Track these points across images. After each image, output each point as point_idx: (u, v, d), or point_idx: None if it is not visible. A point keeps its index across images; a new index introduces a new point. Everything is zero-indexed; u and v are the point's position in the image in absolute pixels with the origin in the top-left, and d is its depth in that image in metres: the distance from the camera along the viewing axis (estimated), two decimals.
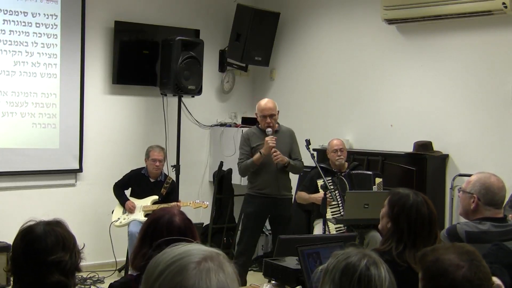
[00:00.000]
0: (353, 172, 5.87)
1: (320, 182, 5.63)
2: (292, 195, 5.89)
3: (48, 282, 2.21)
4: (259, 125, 5.75)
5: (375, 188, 5.74)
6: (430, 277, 2.04)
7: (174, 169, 6.66)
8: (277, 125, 5.76)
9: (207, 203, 6.42)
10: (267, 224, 6.09)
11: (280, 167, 5.64)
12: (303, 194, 5.88)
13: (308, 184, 5.91)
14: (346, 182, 5.74)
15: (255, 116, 5.85)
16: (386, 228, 2.95)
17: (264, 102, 5.72)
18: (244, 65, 7.55)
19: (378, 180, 5.81)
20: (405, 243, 2.83)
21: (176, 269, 1.36)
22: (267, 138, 5.52)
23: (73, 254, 2.28)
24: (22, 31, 6.25)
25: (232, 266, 1.41)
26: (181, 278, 1.35)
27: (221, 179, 7.19)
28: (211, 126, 7.64)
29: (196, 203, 6.27)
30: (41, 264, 2.22)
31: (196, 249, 1.41)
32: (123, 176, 6.38)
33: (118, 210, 6.29)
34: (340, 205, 5.64)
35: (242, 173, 5.80)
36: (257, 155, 5.57)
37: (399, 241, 2.84)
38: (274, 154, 5.49)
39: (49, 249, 2.23)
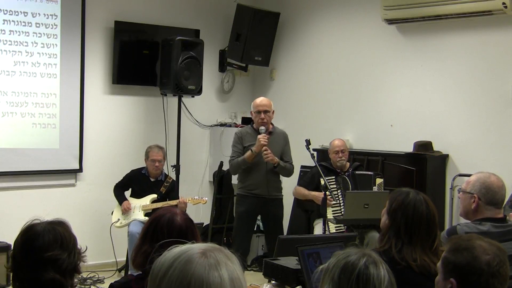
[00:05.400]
0: (357, 172, 5.87)
1: (322, 182, 5.62)
2: (283, 195, 5.90)
3: (43, 280, 2.21)
4: (254, 125, 5.77)
5: (375, 188, 5.74)
6: (454, 249, 2.14)
7: (174, 169, 6.66)
8: (271, 126, 5.77)
9: (206, 198, 6.43)
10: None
11: (271, 168, 5.64)
12: (302, 190, 5.88)
13: (308, 181, 5.92)
14: (350, 182, 5.75)
15: (251, 116, 5.87)
16: (384, 225, 2.96)
17: (260, 99, 5.77)
18: (244, 65, 7.55)
19: (379, 180, 5.81)
20: (402, 240, 2.83)
21: (183, 260, 1.38)
22: (259, 136, 5.54)
23: (72, 254, 2.28)
24: (22, 31, 6.25)
25: (237, 258, 1.43)
26: (190, 267, 1.36)
27: (221, 179, 7.19)
28: (211, 126, 7.64)
29: (194, 199, 6.26)
30: (37, 260, 2.22)
31: (196, 245, 1.43)
32: (124, 177, 6.38)
33: (118, 211, 6.28)
34: (341, 204, 5.64)
35: (233, 171, 5.83)
36: (248, 153, 5.59)
37: (397, 238, 2.85)
38: (265, 152, 5.51)
39: (46, 246, 2.23)
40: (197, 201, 6.26)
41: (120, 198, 6.28)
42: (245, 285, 1.41)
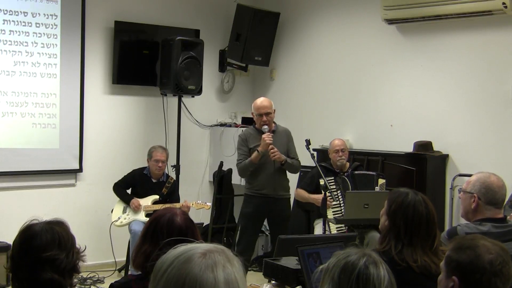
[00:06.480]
0: (357, 172, 5.86)
1: (321, 182, 5.62)
2: (290, 195, 5.89)
3: (41, 279, 2.21)
4: (256, 125, 5.75)
5: (377, 188, 5.73)
6: (457, 248, 2.15)
7: (174, 169, 6.66)
8: (274, 124, 5.76)
9: (210, 204, 6.41)
10: (266, 223, 6.09)
11: (278, 167, 5.64)
12: (303, 193, 5.88)
13: (308, 182, 5.91)
14: (349, 182, 5.74)
15: (252, 116, 5.86)
16: (384, 226, 2.95)
17: (260, 100, 5.73)
18: (244, 65, 7.55)
19: (381, 181, 5.79)
20: (402, 242, 2.83)
21: (183, 259, 1.39)
22: (264, 136, 5.52)
23: (70, 254, 2.27)
24: (22, 31, 6.25)
25: (239, 261, 1.43)
26: (187, 266, 1.38)
27: (221, 179, 7.18)
28: (211, 126, 7.64)
29: (198, 204, 6.25)
30: (35, 260, 2.22)
31: (201, 245, 1.45)
32: (125, 176, 6.36)
33: (118, 209, 6.28)
34: (341, 205, 5.64)
35: (242, 173, 5.79)
36: (255, 154, 5.57)
37: (397, 240, 2.84)
38: (272, 151, 5.49)
39: (44, 245, 2.23)
40: (200, 206, 6.24)
41: (126, 197, 6.25)
42: None
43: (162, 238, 2.44)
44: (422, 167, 6.03)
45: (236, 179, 6.94)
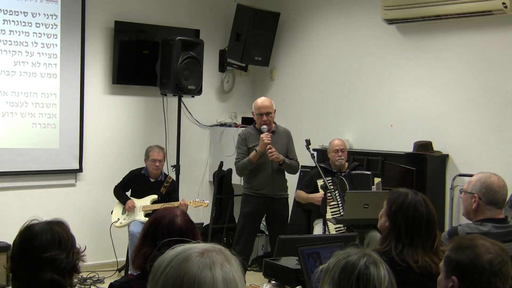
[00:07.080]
0: (353, 172, 5.87)
1: (320, 182, 5.63)
2: (288, 195, 5.89)
3: (41, 280, 2.21)
4: (256, 125, 5.75)
5: (374, 188, 5.74)
6: (457, 248, 2.15)
7: (174, 169, 6.66)
8: (274, 125, 5.77)
9: (207, 201, 6.41)
10: (265, 223, 6.10)
11: (277, 167, 5.64)
12: (302, 193, 5.89)
13: (307, 183, 5.92)
14: (346, 182, 5.74)
15: (252, 116, 5.86)
16: (384, 227, 2.95)
17: (261, 100, 5.73)
18: (244, 65, 7.55)
19: (377, 180, 5.80)
20: (403, 242, 2.83)
21: (181, 259, 1.40)
22: (262, 135, 5.53)
23: (70, 254, 2.27)
24: (22, 31, 6.25)
25: (238, 261, 1.43)
26: (185, 265, 1.38)
27: (221, 179, 7.18)
28: (211, 126, 7.64)
29: (196, 202, 6.25)
30: (35, 260, 2.23)
31: (198, 244, 1.45)
32: (123, 178, 6.37)
33: (118, 210, 6.28)
34: (340, 205, 5.64)
35: (240, 172, 5.80)
36: (253, 153, 5.58)
37: (398, 240, 2.84)
38: (270, 151, 5.50)
39: (44, 246, 2.23)
40: (198, 204, 6.24)
41: (123, 198, 6.28)
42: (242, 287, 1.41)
43: (162, 239, 2.44)
44: (422, 167, 6.03)
45: (236, 179, 6.93)
